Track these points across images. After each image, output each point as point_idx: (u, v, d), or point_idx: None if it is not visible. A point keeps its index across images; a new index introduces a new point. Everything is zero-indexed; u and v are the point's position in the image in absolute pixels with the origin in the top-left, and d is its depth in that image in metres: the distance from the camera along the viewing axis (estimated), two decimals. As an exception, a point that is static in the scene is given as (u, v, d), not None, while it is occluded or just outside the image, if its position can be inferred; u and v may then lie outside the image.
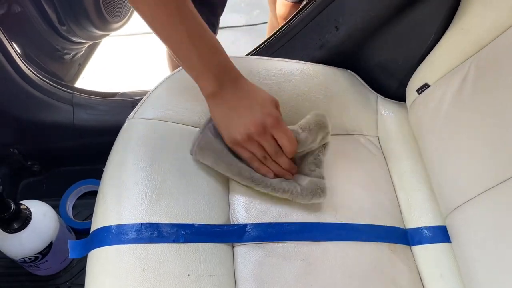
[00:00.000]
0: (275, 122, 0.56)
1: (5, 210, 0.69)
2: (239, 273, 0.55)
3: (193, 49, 0.53)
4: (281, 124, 0.57)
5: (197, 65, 0.54)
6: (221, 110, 0.57)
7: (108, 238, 0.52)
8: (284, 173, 0.59)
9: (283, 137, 0.57)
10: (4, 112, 0.86)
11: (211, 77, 0.54)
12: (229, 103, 0.56)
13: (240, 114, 0.56)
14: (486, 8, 0.56)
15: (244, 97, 0.56)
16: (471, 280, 0.54)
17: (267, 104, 0.57)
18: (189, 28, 0.52)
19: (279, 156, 0.58)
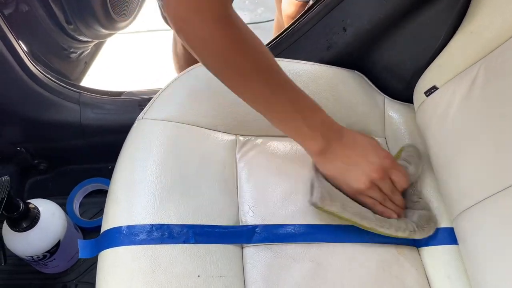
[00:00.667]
0: (391, 164, 0.58)
1: (14, 210, 0.70)
2: (248, 274, 0.55)
3: (299, 117, 0.54)
4: (396, 164, 0.59)
5: (305, 131, 0.55)
6: (335, 164, 0.57)
7: (119, 239, 0.53)
8: (400, 211, 0.60)
9: (400, 176, 0.59)
10: (12, 111, 0.86)
11: (318, 136, 0.55)
12: (341, 155, 0.57)
13: (357, 164, 0.57)
14: (495, 11, 0.56)
15: (354, 146, 0.58)
16: (478, 282, 0.55)
17: (377, 148, 0.59)
18: (291, 97, 0.54)
19: (394, 194, 0.59)
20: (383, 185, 0.58)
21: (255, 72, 0.51)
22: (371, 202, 0.58)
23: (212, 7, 0.45)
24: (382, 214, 0.59)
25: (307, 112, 0.55)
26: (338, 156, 0.57)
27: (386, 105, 0.74)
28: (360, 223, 0.57)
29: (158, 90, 0.67)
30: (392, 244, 0.60)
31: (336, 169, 0.58)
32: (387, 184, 0.58)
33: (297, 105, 0.54)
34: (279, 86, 0.53)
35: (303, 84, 0.69)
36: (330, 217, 0.58)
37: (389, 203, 0.59)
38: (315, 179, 0.59)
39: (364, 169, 0.56)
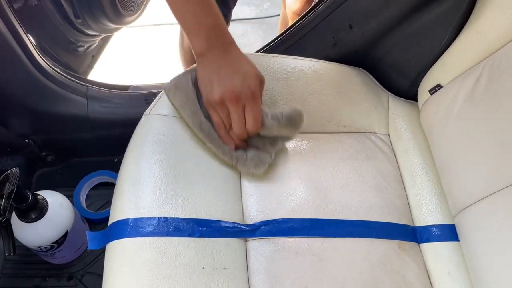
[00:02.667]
0: (250, 96, 0.57)
1: (23, 201, 0.71)
2: (251, 266, 0.56)
3: (189, 6, 0.55)
4: (256, 100, 0.58)
5: (190, 23, 0.56)
6: (206, 70, 0.58)
7: (126, 231, 0.54)
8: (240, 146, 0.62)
9: (251, 114, 0.58)
10: (20, 104, 0.87)
11: (202, 37, 0.56)
12: (214, 65, 0.57)
13: (221, 77, 0.57)
14: (500, 12, 0.57)
15: (230, 63, 0.57)
16: (478, 278, 0.56)
17: (251, 77, 0.58)
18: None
19: (243, 133, 0.59)
20: (233, 112, 0.57)
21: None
22: (217, 121, 0.60)
23: None
24: (222, 138, 0.61)
25: (199, 10, 0.55)
26: (212, 63, 0.58)
27: (390, 102, 0.75)
28: (192, 127, 0.61)
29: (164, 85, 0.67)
30: (393, 240, 0.61)
31: (205, 74, 0.58)
32: (237, 113, 0.58)
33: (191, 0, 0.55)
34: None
35: (307, 81, 0.70)
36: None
37: (233, 134, 0.60)
38: (184, 72, 0.62)
39: (224, 85, 0.57)
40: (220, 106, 0.58)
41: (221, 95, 0.56)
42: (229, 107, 0.57)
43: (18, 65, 0.81)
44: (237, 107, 0.57)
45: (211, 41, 0.57)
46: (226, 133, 0.60)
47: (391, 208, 0.64)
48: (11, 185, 0.65)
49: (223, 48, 0.57)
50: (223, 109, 0.58)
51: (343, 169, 0.66)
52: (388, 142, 0.72)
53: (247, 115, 0.58)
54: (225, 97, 0.56)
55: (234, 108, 0.57)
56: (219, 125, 0.60)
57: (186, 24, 0.57)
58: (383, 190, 0.65)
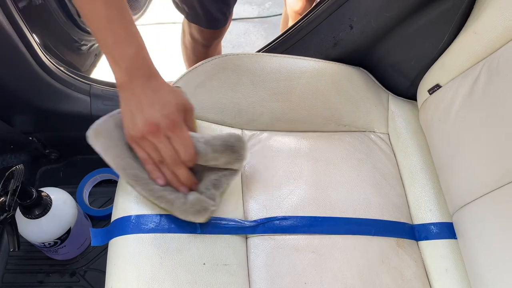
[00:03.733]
0: (170, 125, 0.54)
1: (28, 197, 0.72)
2: (252, 263, 0.57)
3: (110, 34, 0.52)
4: (178, 129, 0.55)
5: (112, 51, 0.53)
6: (128, 103, 0.55)
7: (128, 227, 0.55)
8: (179, 185, 0.57)
9: (178, 142, 0.55)
10: (24, 101, 0.88)
11: (123, 68, 0.53)
12: (134, 98, 0.55)
13: (141, 110, 0.54)
14: (499, 13, 0.57)
15: (150, 94, 0.55)
16: (475, 276, 0.56)
17: (169, 107, 0.55)
18: (110, 12, 0.51)
19: (177, 164, 0.56)
20: (159, 145, 0.54)
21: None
22: (143, 157, 0.56)
23: None
24: (150, 173, 0.57)
25: (121, 39, 0.52)
26: (134, 96, 0.55)
27: (390, 101, 0.75)
28: (116, 171, 0.56)
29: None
30: (392, 237, 0.62)
31: (127, 108, 0.56)
32: (163, 145, 0.54)
33: (114, 25, 0.52)
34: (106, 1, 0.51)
35: (308, 80, 0.71)
36: None
37: (166, 170, 0.56)
38: (107, 115, 0.59)
39: (142, 119, 0.54)
40: (143, 141, 0.55)
41: (142, 129, 0.54)
42: (152, 141, 0.54)
43: (22, 63, 0.82)
44: (160, 138, 0.54)
45: (132, 72, 0.54)
46: (154, 167, 0.56)
47: (390, 206, 0.65)
48: (16, 181, 0.66)
49: (144, 79, 0.54)
50: (147, 143, 0.55)
51: (343, 167, 0.67)
52: (387, 141, 0.73)
53: (176, 144, 0.55)
54: (145, 130, 0.54)
55: (157, 140, 0.54)
56: (145, 160, 0.56)
57: (108, 51, 0.53)
58: (382, 188, 0.66)
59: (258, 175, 0.64)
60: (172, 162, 0.55)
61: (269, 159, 0.66)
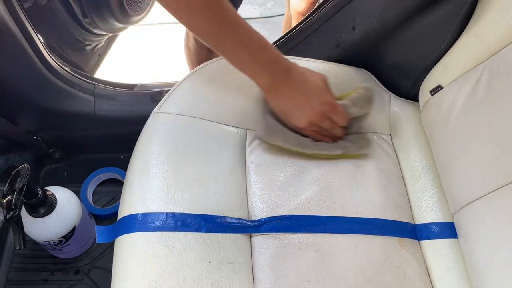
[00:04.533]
0: (331, 109, 0.63)
1: (33, 196, 0.72)
2: (256, 261, 0.58)
3: (246, 52, 0.57)
4: (337, 108, 0.64)
5: (251, 65, 0.58)
6: (280, 102, 0.62)
7: (134, 225, 0.56)
8: (338, 138, 0.68)
9: (339, 118, 0.64)
10: (29, 101, 0.89)
11: (265, 73, 0.59)
12: (286, 95, 0.61)
13: (299, 105, 0.62)
14: (500, 15, 0.58)
15: (300, 87, 0.61)
16: (477, 275, 0.57)
17: (322, 91, 0.63)
18: (239, 32, 0.56)
19: (334, 129, 0.65)
20: (323, 124, 0.63)
21: (204, 8, 0.53)
22: (315, 136, 0.65)
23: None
24: (321, 141, 0.66)
25: (255, 49, 0.58)
26: (283, 95, 0.61)
27: (392, 102, 0.76)
28: (302, 151, 0.65)
29: (170, 83, 0.69)
30: (394, 237, 0.63)
31: (281, 107, 0.63)
32: (326, 124, 0.64)
33: (245, 42, 0.57)
34: (227, 22, 0.55)
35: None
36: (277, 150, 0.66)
37: (327, 134, 0.66)
38: (261, 115, 0.66)
39: (305, 112, 0.62)
40: (311, 127, 0.63)
41: (308, 121, 0.62)
42: (319, 125, 0.63)
43: (27, 63, 0.83)
44: (326, 122, 0.63)
45: (274, 73, 0.59)
46: (323, 136, 0.66)
47: (392, 206, 0.66)
48: (22, 180, 0.67)
49: (287, 76, 0.60)
50: (314, 127, 0.64)
51: (346, 167, 0.68)
52: (389, 142, 0.74)
53: (336, 120, 0.64)
54: (312, 120, 0.62)
55: (325, 124, 0.63)
56: (317, 136, 0.66)
57: (246, 67, 0.59)
58: (384, 188, 0.67)
59: (262, 175, 0.65)
60: (337, 134, 0.66)
61: (273, 159, 0.66)
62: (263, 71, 0.59)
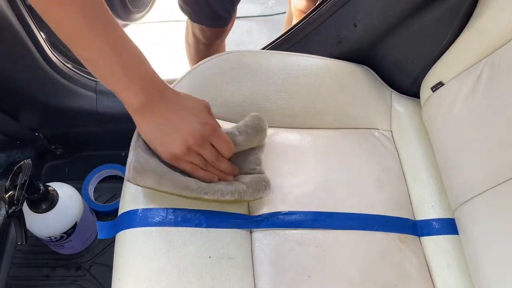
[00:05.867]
0: (212, 130, 0.55)
1: (35, 192, 0.73)
2: (256, 256, 0.58)
3: (116, 60, 0.48)
4: (218, 131, 0.56)
5: (121, 78, 0.49)
6: (152, 125, 0.53)
7: (135, 221, 0.56)
8: (225, 176, 0.59)
9: (221, 144, 0.56)
10: (31, 97, 0.89)
11: (137, 89, 0.50)
12: (159, 116, 0.53)
13: (174, 127, 0.53)
14: (501, 11, 0.58)
15: (175, 108, 0.53)
16: (477, 271, 0.57)
17: (201, 113, 0.55)
18: (111, 36, 0.48)
19: (219, 161, 0.57)
20: (204, 151, 0.55)
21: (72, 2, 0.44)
22: (190, 168, 0.56)
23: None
24: (203, 179, 0.57)
25: (128, 59, 0.49)
26: (156, 116, 0.53)
27: (393, 99, 0.76)
28: (180, 193, 0.55)
29: (171, 80, 0.69)
30: (394, 233, 0.63)
31: (153, 130, 0.54)
32: (208, 150, 0.55)
33: (117, 48, 0.48)
34: (98, 21, 0.47)
35: (312, 78, 0.72)
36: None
37: (211, 168, 0.57)
38: (132, 148, 0.57)
39: (181, 134, 0.53)
40: (189, 154, 0.54)
41: (185, 144, 0.53)
42: (198, 151, 0.55)
43: (29, 60, 0.83)
44: (207, 148, 0.55)
45: (147, 91, 0.51)
46: (204, 172, 0.57)
47: (393, 202, 0.66)
48: (24, 176, 0.67)
49: (161, 95, 0.53)
50: (192, 155, 0.55)
51: (347, 164, 0.68)
52: (390, 138, 0.74)
53: (219, 147, 0.56)
54: (190, 144, 0.53)
55: (204, 149, 0.55)
56: (193, 169, 0.56)
57: (116, 80, 0.50)
58: (385, 184, 0.67)
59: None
60: (215, 161, 0.57)
61: (274, 155, 0.66)
62: (135, 87, 0.50)
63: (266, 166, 0.65)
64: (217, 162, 0.57)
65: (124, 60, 0.49)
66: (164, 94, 0.53)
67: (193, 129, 0.53)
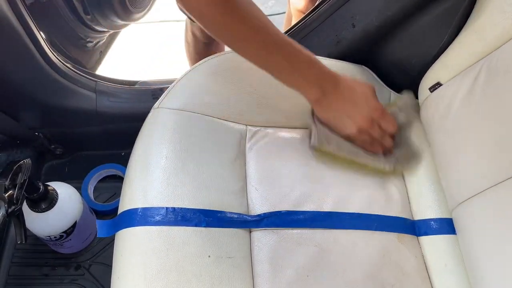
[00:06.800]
0: (380, 114, 0.64)
1: (34, 191, 0.73)
2: (255, 256, 0.58)
3: (295, 71, 0.59)
4: (385, 114, 0.65)
5: (301, 83, 0.61)
6: (329, 113, 0.64)
7: (135, 220, 0.56)
8: (388, 150, 0.68)
9: (388, 124, 0.65)
10: (31, 97, 0.89)
11: (314, 88, 0.61)
12: (334, 106, 0.63)
13: (348, 113, 0.63)
14: (499, 13, 0.58)
15: (348, 97, 0.63)
16: (474, 271, 0.57)
17: (369, 98, 0.64)
18: (285, 53, 0.58)
19: (384, 138, 0.66)
20: (372, 131, 0.64)
21: (251, 35, 0.56)
22: (361, 144, 0.66)
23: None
24: (373, 151, 0.66)
25: (303, 67, 0.60)
26: (332, 105, 0.62)
27: (391, 99, 0.76)
28: (355, 159, 0.66)
29: (171, 80, 0.69)
30: (393, 232, 0.63)
31: (330, 116, 0.64)
32: (376, 131, 0.64)
33: (294, 62, 0.59)
34: (275, 45, 0.57)
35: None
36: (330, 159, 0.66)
37: (377, 143, 0.66)
38: (313, 125, 0.66)
39: (354, 119, 0.63)
40: (361, 134, 0.64)
41: (358, 128, 0.63)
42: (368, 131, 0.64)
43: (29, 60, 0.84)
44: (375, 129, 0.64)
45: (322, 87, 0.61)
46: (373, 147, 0.66)
47: (391, 202, 0.66)
48: (23, 175, 0.67)
49: (335, 88, 0.62)
50: (363, 134, 0.64)
51: (345, 164, 0.68)
52: (389, 138, 0.74)
53: (385, 126, 0.65)
54: (362, 127, 0.63)
55: (373, 131, 0.64)
56: (366, 145, 0.66)
57: (295, 84, 0.61)
58: (383, 184, 0.67)
59: (263, 171, 0.65)
60: (387, 143, 0.66)
61: (274, 155, 0.67)
62: (312, 86, 0.61)
63: (265, 165, 0.65)
64: (382, 140, 0.65)
65: (300, 69, 0.60)
66: (338, 86, 0.62)
67: (364, 114, 0.63)
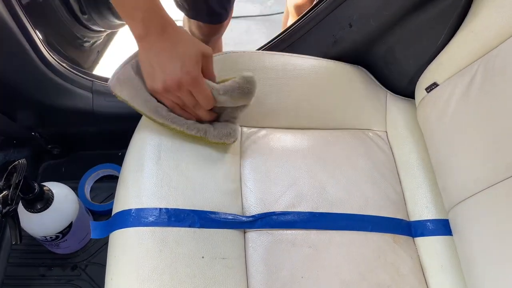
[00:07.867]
0: (191, 81, 0.57)
1: (30, 191, 0.72)
2: (249, 257, 0.58)
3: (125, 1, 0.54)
4: (198, 83, 0.58)
5: (126, 5, 0.55)
6: (147, 55, 0.58)
7: (128, 221, 0.56)
8: (201, 120, 0.62)
9: (200, 96, 0.58)
10: (27, 97, 0.89)
11: (138, 20, 0.55)
12: (154, 49, 0.57)
13: (161, 65, 0.57)
14: (496, 12, 0.58)
15: (168, 48, 0.56)
16: (470, 272, 0.57)
17: (190, 60, 0.57)
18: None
19: (197, 108, 0.60)
20: (181, 95, 0.58)
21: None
22: (170, 104, 0.60)
23: None
24: (181, 115, 0.61)
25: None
26: (152, 47, 0.57)
27: (388, 100, 0.76)
28: (150, 115, 0.60)
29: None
30: (389, 234, 0.63)
31: (147, 60, 0.58)
32: (186, 96, 0.58)
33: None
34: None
35: (307, 78, 0.72)
36: None
37: (190, 110, 0.61)
38: (123, 62, 0.61)
39: (164, 73, 0.57)
40: (166, 94, 0.58)
41: (163, 84, 0.57)
42: (175, 93, 0.58)
43: (25, 60, 0.83)
44: (182, 93, 0.58)
45: (148, 24, 0.55)
46: (184, 111, 0.61)
47: (387, 202, 0.66)
48: (18, 175, 0.67)
49: (161, 30, 0.56)
50: (171, 95, 0.59)
51: (341, 164, 0.68)
52: (385, 139, 0.74)
53: (197, 97, 0.58)
54: (167, 86, 0.57)
55: (181, 94, 0.58)
56: (173, 107, 0.61)
57: (122, 7, 0.55)
58: (379, 185, 0.67)
59: (257, 171, 0.65)
60: (194, 108, 0.60)
61: (268, 155, 0.66)
62: (137, 17, 0.54)
63: (260, 166, 0.65)
64: (195, 109, 0.60)
65: None
66: (165, 30, 0.56)
67: (174, 74, 0.56)
